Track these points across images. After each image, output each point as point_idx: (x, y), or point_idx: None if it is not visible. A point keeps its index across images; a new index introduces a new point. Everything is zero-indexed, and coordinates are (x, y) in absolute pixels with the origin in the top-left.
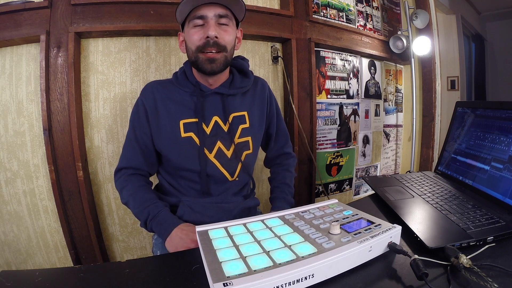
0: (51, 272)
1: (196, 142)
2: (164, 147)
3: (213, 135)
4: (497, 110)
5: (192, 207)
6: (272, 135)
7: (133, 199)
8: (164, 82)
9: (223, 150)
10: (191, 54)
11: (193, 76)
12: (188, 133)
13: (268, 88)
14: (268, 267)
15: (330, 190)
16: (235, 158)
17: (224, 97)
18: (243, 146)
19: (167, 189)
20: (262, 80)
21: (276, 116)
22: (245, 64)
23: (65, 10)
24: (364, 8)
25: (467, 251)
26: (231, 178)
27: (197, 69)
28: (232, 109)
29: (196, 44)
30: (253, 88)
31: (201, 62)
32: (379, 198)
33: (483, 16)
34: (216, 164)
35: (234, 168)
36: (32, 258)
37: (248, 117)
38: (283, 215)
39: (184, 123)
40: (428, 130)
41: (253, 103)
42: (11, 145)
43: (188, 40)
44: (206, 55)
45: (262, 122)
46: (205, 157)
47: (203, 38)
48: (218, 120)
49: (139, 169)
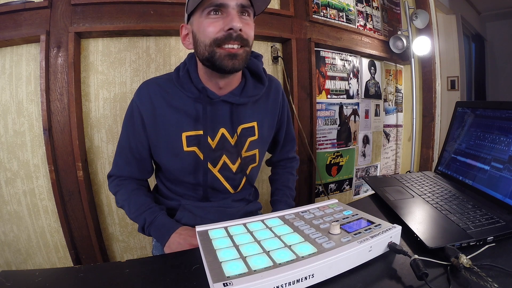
0: (51, 272)
1: (199, 157)
2: (163, 159)
3: (219, 149)
4: (497, 110)
5: (193, 211)
6: (279, 142)
7: (128, 204)
8: (163, 81)
9: (228, 165)
10: (204, 49)
11: (199, 79)
12: (192, 148)
13: (282, 93)
14: (268, 267)
15: (330, 190)
16: (240, 172)
17: (233, 106)
18: (250, 160)
19: (166, 193)
20: (276, 82)
21: (286, 122)
22: (259, 66)
23: (65, 10)
24: (364, 8)
25: (467, 251)
26: (234, 191)
27: (212, 66)
28: (241, 120)
29: (213, 37)
30: (266, 93)
31: (219, 58)
32: (379, 198)
33: (483, 16)
34: (220, 179)
35: (238, 182)
36: (32, 258)
37: (258, 128)
38: (283, 215)
39: (187, 136)
40: (428, 130)
41: (265, 111)
42: (11, 145)
43: (200, 32)
44: (227, 50)
45: (271, 131)
46: (209, 171)
47: (222, 30)
48: (225, 132)
49: (131, 177)
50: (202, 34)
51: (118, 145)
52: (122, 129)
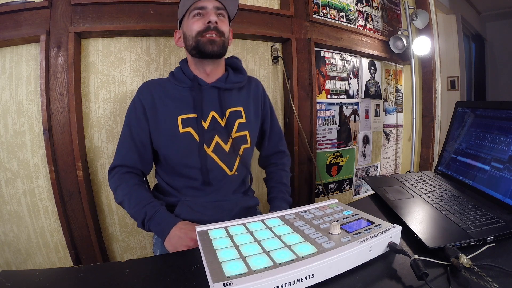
0: (51, 272)
1: (195, 137)
2: (162, 143)
3: (211, 129)
4: (497, 110)
5: (192, 206)
6: (266, 131)
7: (128, 199)
8: (161, 80)
9: (221, 144)
10: (191, 40)
11: (190, 71)
12: (187, 128)
13: (261, 87)
14: (268, 267)
15: (330, 190)
16: (233, 152)
17: (221, 91)
18: (241, 140)
19: (166, 189)
20: (256, 79)
21: (270, 115)
22: (238, 62)
23: (65, 10)
24: (364, 8)
25: (467, 251)
26: (230, 172)
27: (198, 53)
28: (228, 104)
29: (197, 30)
30: (248, 86)
31: (202, 44)
32: (379, 198)
33: (483, 16)
34: (215, 159)
35: (232, 162)
36: (32, 258)
37: (244, 112)
38: (283, 215)
39: (182, 118)
40: (428, 130)
41: (248, 99)
42: (11, 145)
43: (188, 30)
44: (207, 38)
45: (258, 118)
46: (204, 151)
47: (203, 24)
48: (215, 115)
49: (133, 167)
50: (189, 30)
51: (120, 137)
52: (124, 123)
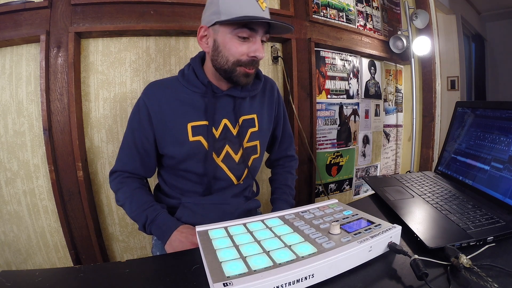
0: (51, 272)
1: (204, 146)
2: (169, 150)
3: (222, 138)
4: (497, 110)
5: (193, 209)
6: (277, 137)
7: (129, 202)
8: (168, 81)
9: (231, 154)
10: (225, 63)
11: (204, 76)
12: (197, 137)
13: (277, 90)
14: (268, 267)
15: (330, 190)
16: (243, 162)
17: (235, 99)
18: (251, 151)
19: (167, 191)
20: (271, 81)
21: (282, 119)
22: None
23: (65, 10)
24: (364, 8)
25: (467, 251)
26: (237, 182)
27: (226, 78)
28: (242, 112)
29: (238, 58)
30: (262, 90)
31: (237, 75)
32: (379, 198)
33: (483, 16)
34: (224, 169)
35: (241, 172)
36: (32, 258)
37: (258, 120)
38: (283, 215)
39: (192, 126)
40: (428, 130)
41: (262, 105)
42: (11, 145)
43: (225, 47)
44: (245, 70)
45: (270, 125)
46: (213, 161)
47: (246, 54)
48: (228, 123)
49: (134, 173)
50: (227, 50)
51: (123, 141)
52: (127, 126)
